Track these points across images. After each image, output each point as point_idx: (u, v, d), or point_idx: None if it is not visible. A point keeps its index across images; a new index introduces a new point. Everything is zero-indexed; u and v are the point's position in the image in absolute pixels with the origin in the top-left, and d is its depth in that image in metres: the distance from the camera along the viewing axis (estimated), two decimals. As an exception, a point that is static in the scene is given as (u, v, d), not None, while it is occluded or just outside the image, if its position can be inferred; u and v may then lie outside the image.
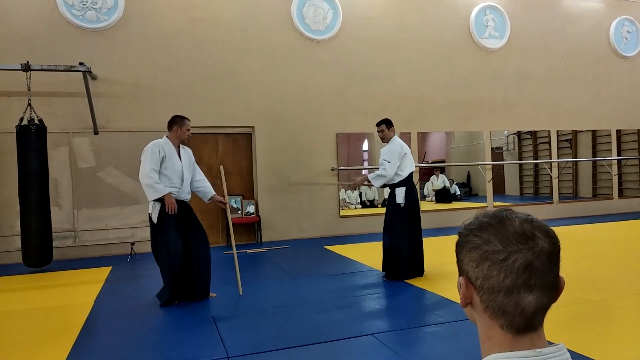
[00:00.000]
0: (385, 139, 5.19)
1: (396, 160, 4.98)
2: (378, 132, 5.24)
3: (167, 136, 4.58)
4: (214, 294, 4.64)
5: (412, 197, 5.04)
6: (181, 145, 4.64)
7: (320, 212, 8.59)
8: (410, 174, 5.11)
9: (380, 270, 5.31)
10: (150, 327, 3.85)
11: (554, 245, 0.78)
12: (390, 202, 5.13)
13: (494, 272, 0.77)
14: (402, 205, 4.99)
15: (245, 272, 4.87)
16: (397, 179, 5.05)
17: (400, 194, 5.01)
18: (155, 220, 4.38)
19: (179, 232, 4.39)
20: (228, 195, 8.13)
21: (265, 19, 8.30)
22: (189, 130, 4.60)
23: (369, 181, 5.16)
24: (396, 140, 5.12)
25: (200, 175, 4.75)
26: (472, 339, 3.23)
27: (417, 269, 5.03)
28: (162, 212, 4.36)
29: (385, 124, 5.18)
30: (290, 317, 3.93)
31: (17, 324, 4.04)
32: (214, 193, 4.81)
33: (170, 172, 4.42)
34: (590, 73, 10.69)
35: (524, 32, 10.10)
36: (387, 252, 5.05)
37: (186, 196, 4.55)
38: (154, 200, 4.36)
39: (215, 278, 5.62)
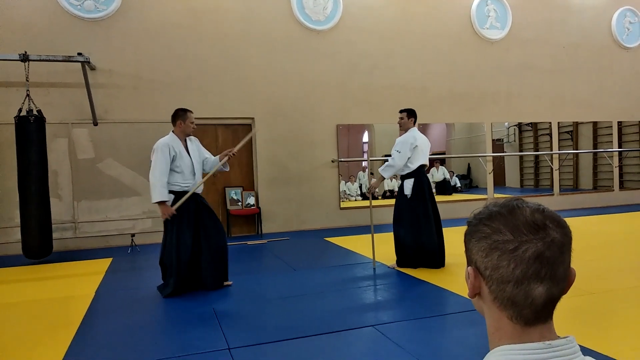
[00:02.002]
0: (402, 128, 5.17)
1: (406, 151, 4.97)
2: (398, 119, 5.20)
3: (172, 131, 4.53)
4: (230, 282, 4.67)
5: (421, 190, 5.01)
6: (187, 138, 4.59)
7: (320, 204, 8.58)
8: (421, 167, 5.08)
9: (382, 262, 5.39)
10: (150, 319, 3.85)
11: (566, 235, 0.76)
12: (399, 193, 5.19)
13: (504, 262, 0.75)
14: (409, 196, 5.01)
15: (246, 264, 4.87)
16: (407, 171, 5.05)
17: (408, 185, 5.03)
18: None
19: (190, 225, 4.41)
20: (228, 187, 8.17)
21: (265, 10, 8.23)
22: (192, 122, 4.54)
23: (382, 178, 5.18)
24: (411, 132, 5.08)
25: (207, 155, 4.76)
26: (474, 330, 3.22)
27: (428, 260, 5.00)
28: (174, 204, 4.39)
29: (407, 113, 5.15)
30: (290, 308, 3.93)
31: (17, 315, 4.04)
32: (219, 156, 4.71)
33: (183, 168, 4.44)
34: (592, 64, 10.64)
35: (526, 22, 10.03)
36: (396, 241, 5.14)
37: (199, 188, 4.55)
38: (168, 192, 4.41)
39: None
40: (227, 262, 4.63)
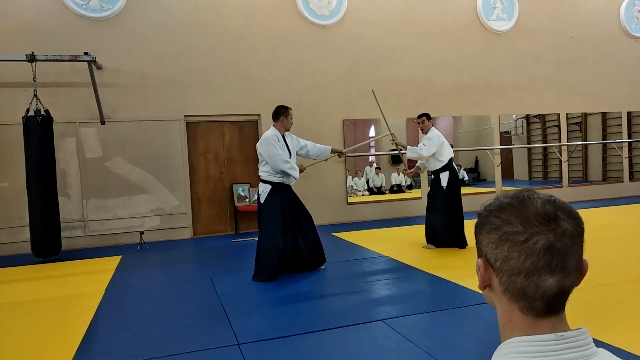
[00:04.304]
0: (424, 130, 5.86)
1: (432, 146, 5.62)
2: (419, 123, 5.88)
3: (274, 126, 4.95)
4: (323, 267, 5.06)
5: (455, 181, 5.69)
6: (286, 133, 5.00)
7: (327, 199, 8.57)
8: (450, 159, 5.73)
9: (391, 257, 5.46)
10: (160, 315, 3.87)
11: (578, 226, 0.75)
12: (434, 184, 5.81)
13: (514, 253, 0.74)
14: (445, 187, 5.65)
15: (254, 260, 4.88)
16: (439, 165, 5.70)
17: (445, 177, 5.67)
18: (262, 200, 4.83)
19: (284, 213, 4.79)
20: (235, 184, 8.17)
21: (269, 5, 8.20)
22: (292, 119, 5.02)
23: (404, 148, 5.90)
24: (434, 131, 5.75)
25: (305, 142, 5.18)
26: (482, 324, 3.21)
27: (455, 241, 5.64)
28: (270, 194, 4.78)
29: (426, 117, 5.83)
30: (299, 303, 3.94)
31: (28, 313, 4.08)
32: (331, 147, 5.30)
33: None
34: (600, 54, 10.51)
35: (533, 13, 9.92)
36: (429, 226, 5.80)
37: (291, 180, 4.89)
38: (263, 183, 4.84)
39: (224, 266, 5.65)
40: (322, 245, 5.03)
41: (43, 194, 6.16)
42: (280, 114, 4.94)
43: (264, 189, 4.83)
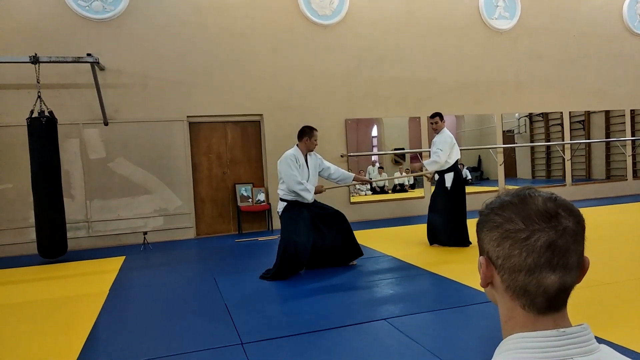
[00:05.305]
0: (437, 130, 5.85)
1: (447, 149, 5.66)
2: (432, 123, 5.91)
3: (297, 145, 5.05)
4: (355, 263, 5.18)
5: (459, 182, 5.75)
6: (308, 153, 5.07)
7: (330, 198, 8.52)
8: (456, 161, 5.80)
9: (393, 256, 5.46)
10: (164, 315, 3.88)
11: (579, 224, 0.76)
12: (439, 185, 5.88)
13: (516, 251, 0.75)
14: (449, 188, 5.71)
15: (257, 260, 4.90)
16: (446, 166, 5.74)
17: (449, 178, 5.73)
18: (280, 214, 5.00)
19: (301, 223, 4.90)
20: (238, 184, 8.19)
21: (271, 5, 8.21)
22: (316, 140, 5.07)
23: (424, 167, 5.89)
24: (446, 132, 5.79)
25: (328, 164, 5.26)
26: (485, 322, 3.22)
27: (459, 240, 5.68)
28: (286, 208, 4.94)
29: (439, 117, 5.84)
30: (302, 302, 3.95)
31: (33, 313, 4.10)
32: (354, 175, 5.42)
33: (301, 180, 4.99)
34: (603, 52, 10.48)
35: (535, 11, 9.90)
36: (431, 225, 5.87)
37: (305, 200, 4.95)
38: (281, 201, 4.99)
39: (227, 266, 5.67)
40: (355, 241, 5.12)
41: (49, 195, 6.19)
42: (305, 134, 5.02)
43: (280, 206, 4.99)
